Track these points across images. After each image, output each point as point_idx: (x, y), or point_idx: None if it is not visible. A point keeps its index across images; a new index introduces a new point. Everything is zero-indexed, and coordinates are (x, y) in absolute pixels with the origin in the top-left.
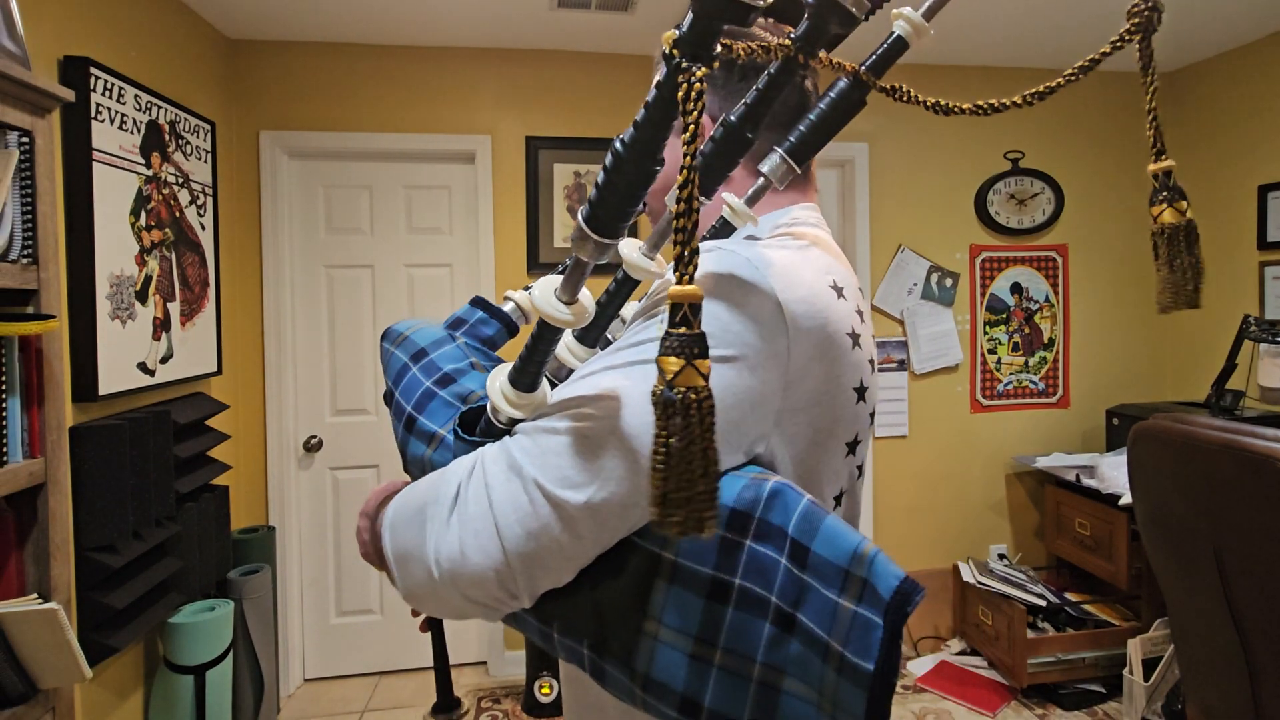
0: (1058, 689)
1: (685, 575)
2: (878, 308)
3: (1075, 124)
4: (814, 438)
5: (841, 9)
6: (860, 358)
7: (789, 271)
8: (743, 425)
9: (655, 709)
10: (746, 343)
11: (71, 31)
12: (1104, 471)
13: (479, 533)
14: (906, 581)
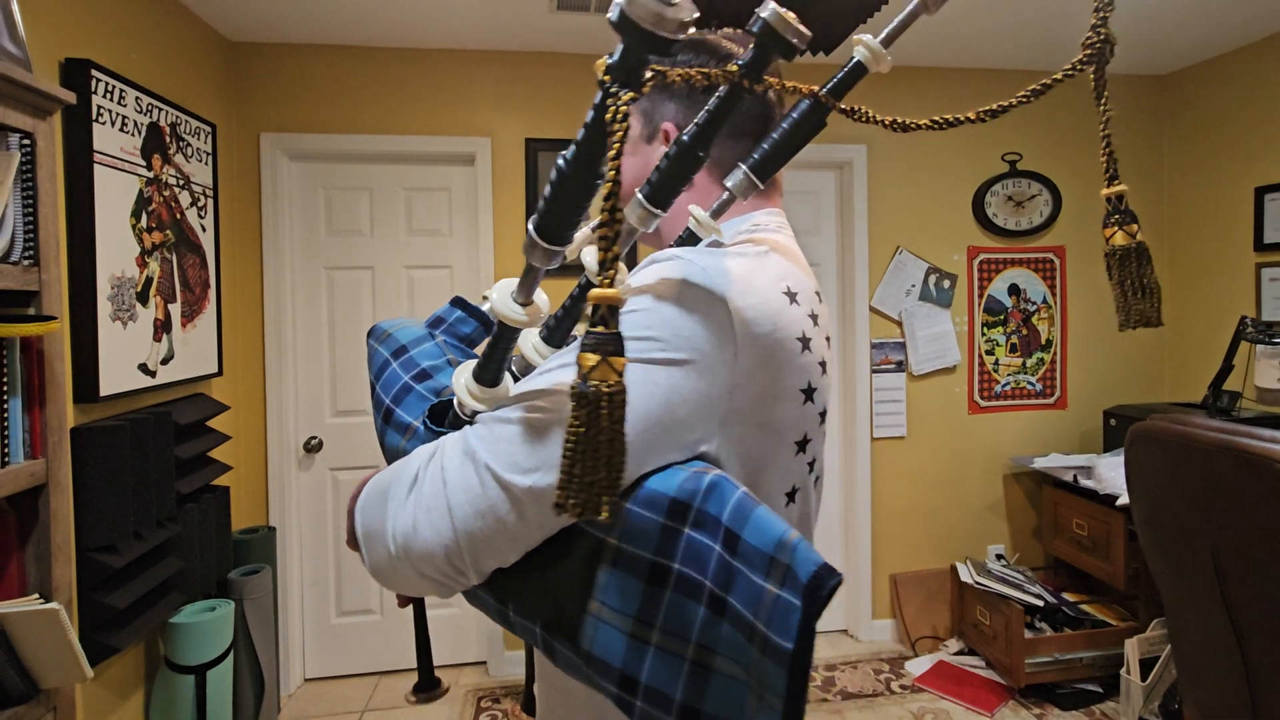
0: (1055, 689)
1: (627, 559)
2: (876, 309)
3: (1073, 126)
4: (761, 437)
5: (783, 41)
6: (809, 360)
7: (742, 279)
8: (689, 423)
9: (598, 684)
10: (697, 347)
11: (73, 34)
12: (1101, 472)
13: (431, 510)
14: (823, 568)
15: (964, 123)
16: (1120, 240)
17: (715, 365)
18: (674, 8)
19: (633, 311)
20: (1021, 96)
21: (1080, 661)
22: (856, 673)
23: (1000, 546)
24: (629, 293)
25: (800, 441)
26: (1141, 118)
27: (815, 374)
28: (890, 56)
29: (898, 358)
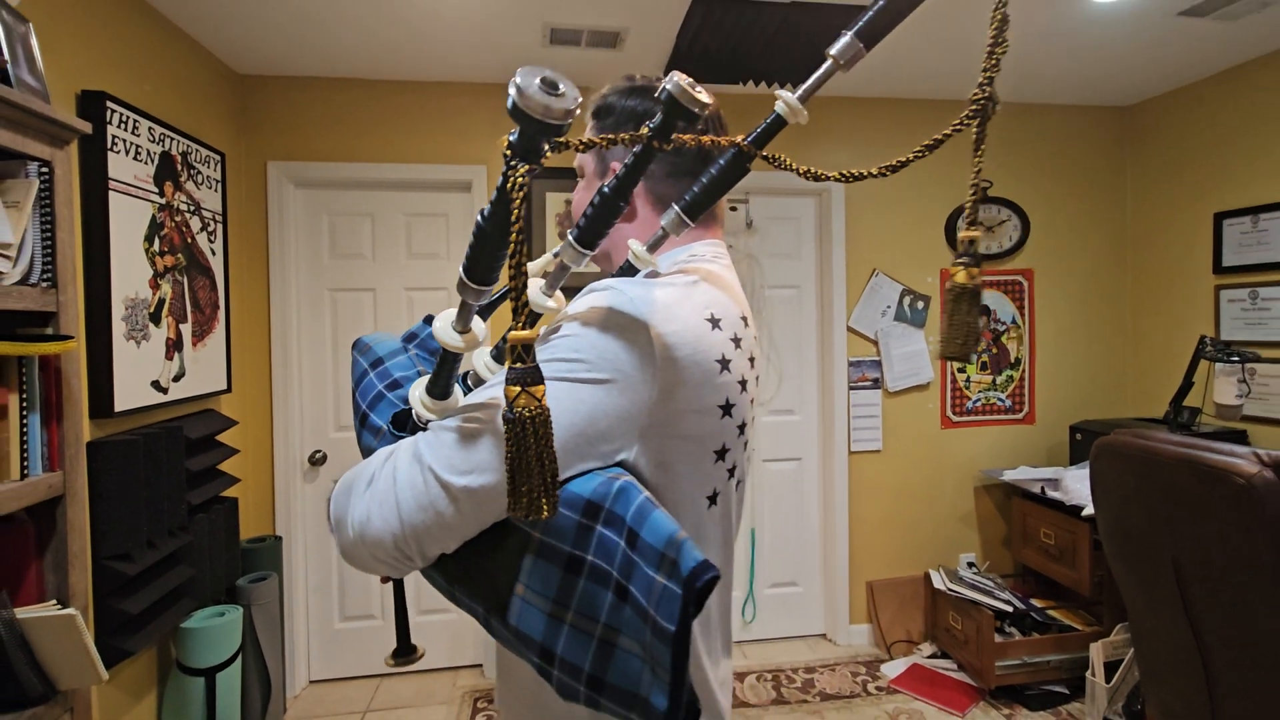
0: (1024, 690)
1: (548, 550)
2: (853, 329)
3: (1040, 155)
4: (681, 446)
5: (685, 110)
6: (728, 380)
7: (666, 307)
8: (608, 435)
9: (524, 656)
10: (619, 368)
11: (89, 67)
12: (1067, 484)
13: (383, 504)
14: (701, 564)
15: (868, 177)
16: (961, 279)
17: (636, 384)
18: (559, 98)
19: (565, 336)
20: (917, 152)
21: (1048, 664)
22: (835, 675)
23: (971, 555)
24: (564, 319)
25: (719, 451)
26: (1105, 146)
27: (734, 392)
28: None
29: (874, 375)
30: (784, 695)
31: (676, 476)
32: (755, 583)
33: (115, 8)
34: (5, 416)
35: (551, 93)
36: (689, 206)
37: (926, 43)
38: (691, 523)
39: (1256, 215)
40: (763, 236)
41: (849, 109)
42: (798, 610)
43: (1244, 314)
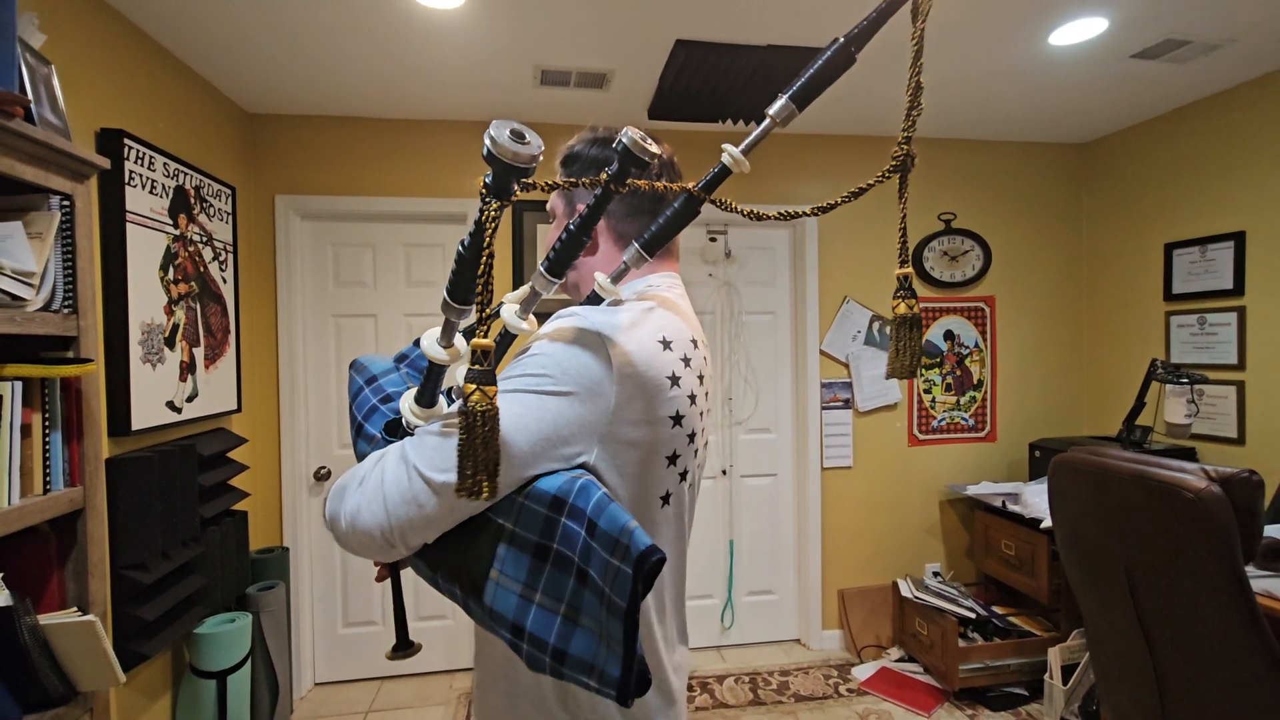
0: (986, 692)
1: (519, 540)
2: (825, 352)
3: (1002, 189)
4: (636, 452)
5: (637, 158)
6: (679, 394)
7: (623, 330)
8: (570, 440)
9: (497, 632)
10: (580, 383)
11: (107, 106)
12: (1027, 498)
13: (371, 499)
14: (649, 548)
15: (804, 215)
16: (902, 310)
17: (595, 396)
18: (526, 146)
19: (535, 355)
20: (844, 197)
21: (1008, 668)
22: (808, 678)
23: (937, 565)
24: (535, 339)
25: (670, 457)
26: (1063, 180)
27: (684, 405)
28: (748, 163)
29: (845, 396)
30: (760, 697)
31: (632, 478)
32: (733, 590)
33: (132, 50)
34: (29, 435)
35: (519, 141)
36: (647, 243)
37: (896, 85)
38: (646, 520)
39: (1204, 245)
40: (740, 265)
41: (824, 146)
42: (773, 617)
43: (1193, 338)
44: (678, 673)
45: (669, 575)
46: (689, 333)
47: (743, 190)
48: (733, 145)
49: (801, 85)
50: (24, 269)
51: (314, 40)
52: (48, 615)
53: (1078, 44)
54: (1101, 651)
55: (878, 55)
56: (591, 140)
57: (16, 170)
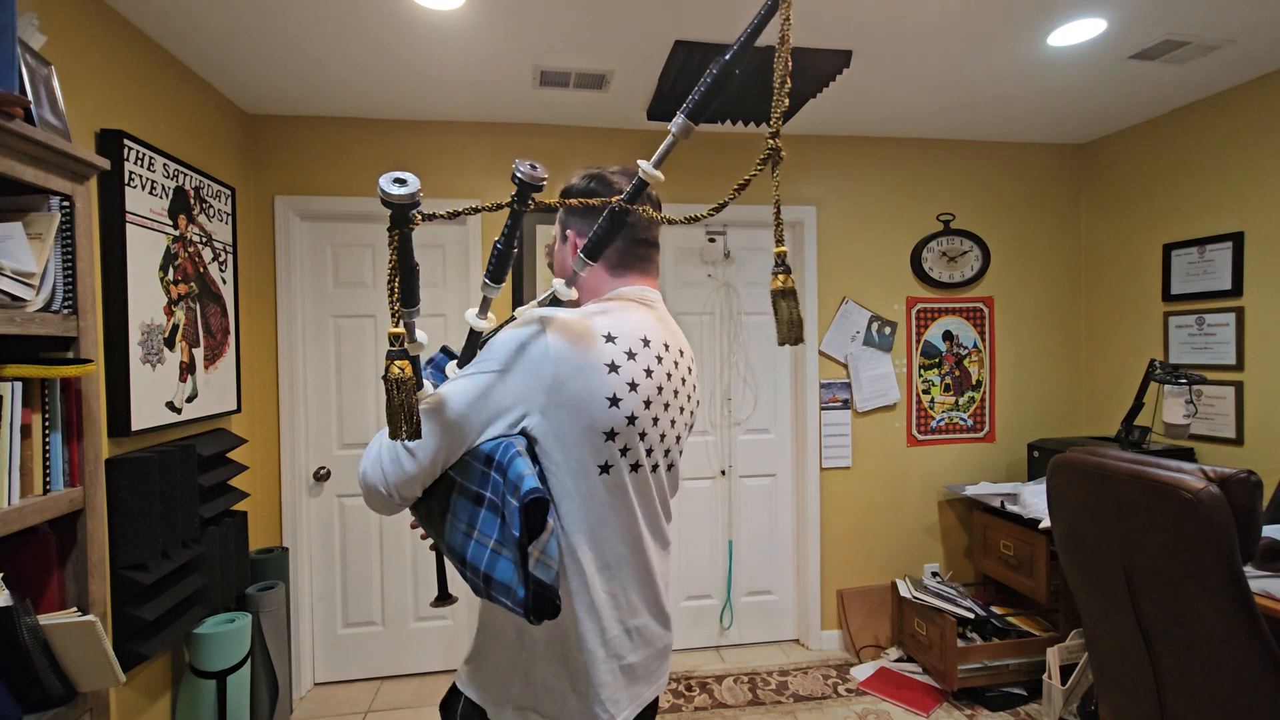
0: (985, 692)
1: (464, 491)
2: (824, 353)
3: (1000, 190)
4: (575, 422)
5: (531, 186)
6: (616, 380)
7: (563, 324)
8: (509, 407)
9: (457, 567)
10: (514, 362)
11: (107, 107)
12: (1025, 499)
13: (373, 463)
14: (531, 489)
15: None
16: (778, 284)
17: (530, 373)
18: (404, 187)
19: (488, 346)
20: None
21: (1007, 668)
22: (807, 678)
23: (935, 565)
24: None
25: (608, 433)
26: (1062, 181)
27: (622, 389)
28: (662, 175)
29: (844, 396)
30: (760, 697)
31: (570, 444)
32: (732, 591)
33: (132, 51)
34: (29, 435)
35: (400, 185)
36: (587, 250)
37: (895, 84)
38: (586, 484)
39: (1203, 246)
40: (740, 266)
41: (824, 146)
42: (772, 617)
43: (1191, 339)
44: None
45: (615, 541)
46: (645, 334)
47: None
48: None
49: (694, 103)
50: (24, 269)
51: (313, 41)
52: (48, 615)
53: (1076, 45)
54: (1100, 651)
55: (876, 55)
56: (586, 177)
57: (16, 171)
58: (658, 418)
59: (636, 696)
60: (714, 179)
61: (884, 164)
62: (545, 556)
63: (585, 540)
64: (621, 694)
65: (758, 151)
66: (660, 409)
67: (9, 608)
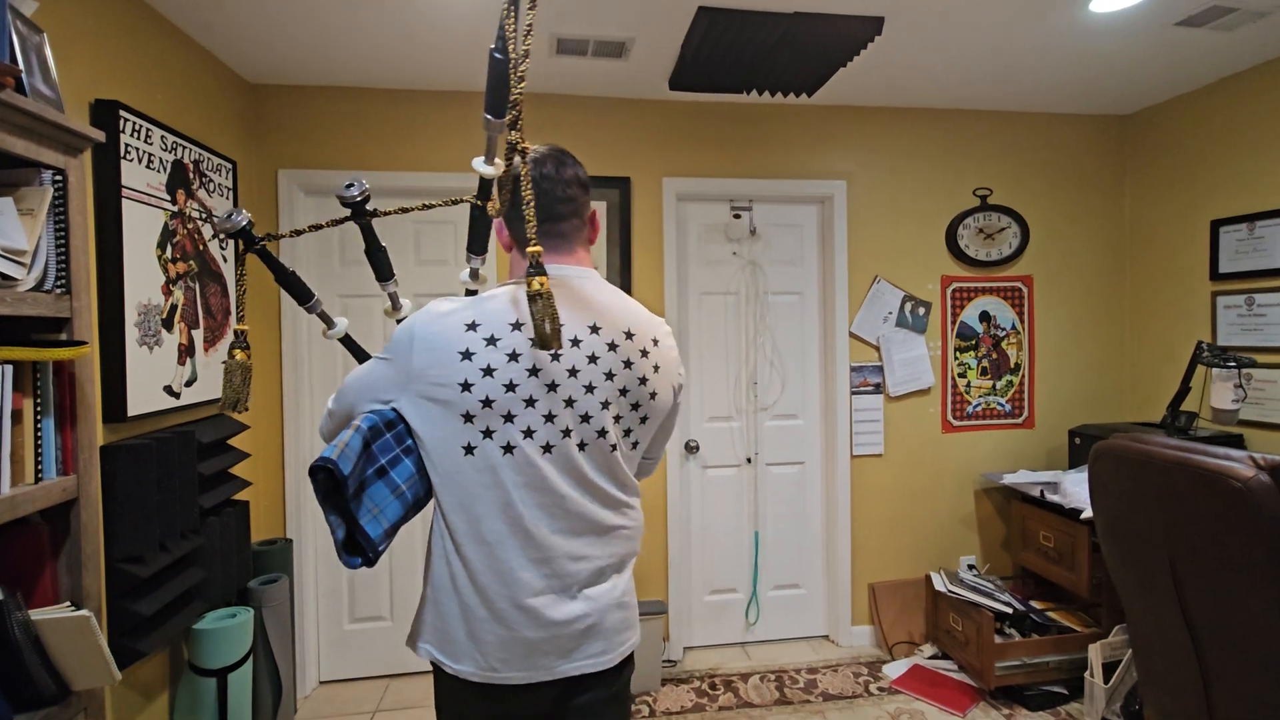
0: (1023, 690)
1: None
2: (855, 335)
3: (1040, 163)
4: (432, 405)
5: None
6: (469, 366)
7: (432, 315)
8: (384, 389)
9: None
10: (395, 351)
11: (102, 76)
12: (1066, 487)
13: (322, 420)
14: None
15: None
16: (534, 286)
17: (401, 360)
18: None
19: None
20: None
21: (1047, 665)
22: (837, 676)
23: (972, 557)
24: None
25: (465, 415)
26: (1105, 154)
27: (474, 375)
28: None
29: (876, 380)
30: (787, 695)
31: (433, 424)
32: (759, 584)
33: (128, 18)
34: (20, 421)
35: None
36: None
37: (926, 53)
38: (451, 462)
39: (1253, 222)
40: (766, 243)
41: (855, 117)
42: (801, 612)
43: (1240, 320)
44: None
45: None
46: (507, 317)
47: (767, 164)
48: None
49: (488, 101)
50: (14, 247)
51: (319, 7)
52: (40, 610)
53: (1119, 11)
54: (1144, 648)
55: (909, 21)
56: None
57: (6, 144)
58: (534, 399)
59: (545, 668)
60: (740, 151)
61: (918, 136)
62: (380, 515)
63: (457, 515)
64: (517, 660)
65: (785, 123)
66: (540, 390)
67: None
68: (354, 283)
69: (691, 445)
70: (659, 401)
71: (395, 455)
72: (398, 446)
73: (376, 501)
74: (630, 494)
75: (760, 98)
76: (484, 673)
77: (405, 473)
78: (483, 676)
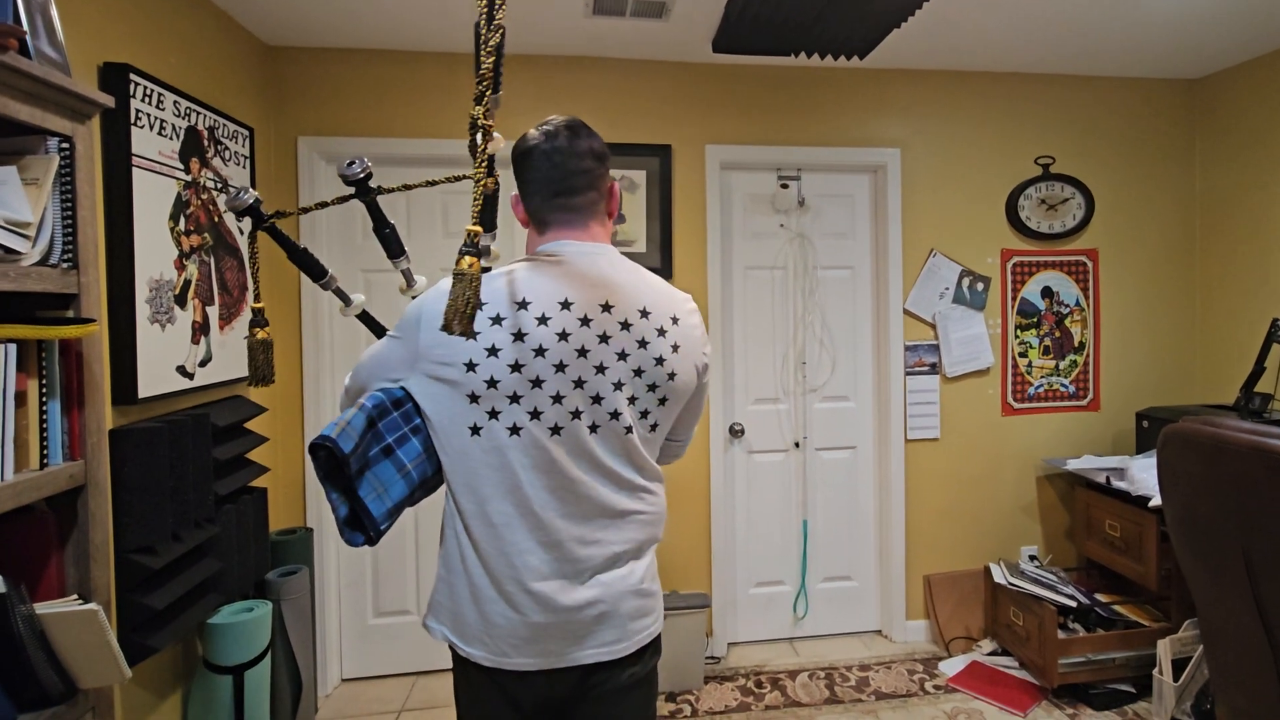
0: (1088, 689)
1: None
2: (910, 311)
3: (1105, 130)
4: (438, 384)
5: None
6: (474, 346)
7: (439, 293)
8: (393, 368)
9: None
10: (402, 330)
11: (111, 38)
12: (1134, 474)
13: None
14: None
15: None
16: (462, 266)
17: (409, 339)
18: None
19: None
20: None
21: (1113, 662)
22: (890, 673)
23: (1033, 548)
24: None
25: (470, 395)
26: (1174, 121)
27: (479, 355)
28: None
29: (931, 360)
30: (837, 694)
31: (440, 404)
32: (807, 576)
33: None
34: (24, 403)
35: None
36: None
37: (989, 12)
38: (458, 442)
39: None
40: (815, 215)
41: (910, 81)
42: (852, 606)
43: None
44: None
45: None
46: (524, 296)
47: (816, 131)
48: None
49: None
50: (18, 219)
51: None
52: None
53: None
54: (1217, 644)
55: None
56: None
57: (10, 109)
58: (541, 379)
59: (555, 654)
60: (787, 117)
61: (976, 101)
62: (385, 494)
63: (465, 496)
64: (526, 646)
65: (835, 87)
66: (548, 370)
67: (2, 595)
68: (377, 256)
69: (736, 429)
70: (679, 382)
71: (403, 434)
72: (405, 425)
73: (382, 480)
74: (649, 478)
75: (809, 60)
76: (494, 658)
77: (412, 452)
78: (493, 661)
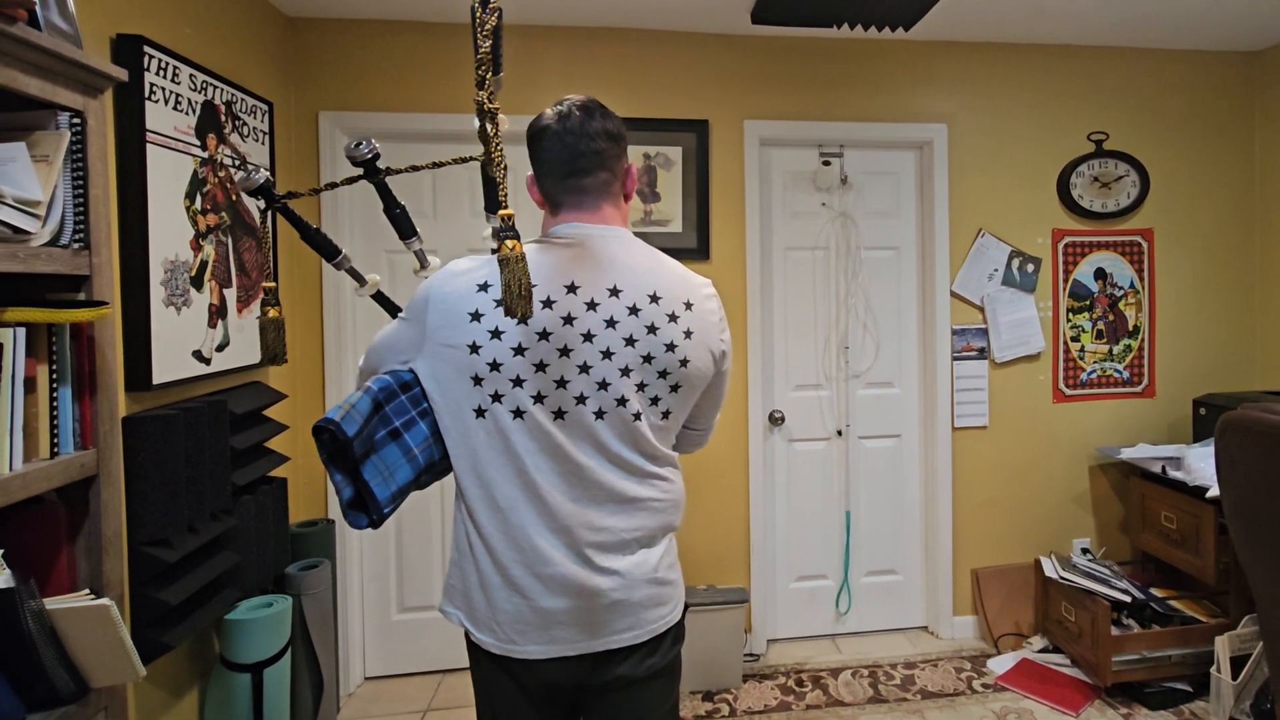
0: (1143, 687)
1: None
2: (957, 294)
3: (1161, 106)
4: (443, 366)
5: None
6: (478, 328)
7: (449, 275)
8: (403, 349)
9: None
10: (412, 311)
11: (124, 9)
12: (1191, 463)
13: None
14: (324, 420)
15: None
16: (504, 251)
17: (418, 320)
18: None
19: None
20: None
21: (1169, 659)
22: (937, 671)
23: (1086, 540)
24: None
25: (474, 378)
26: (1232, 94)
27: (483, 337)
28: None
29: (979, 344)
30: (882, 693)
31: (445, 386)
32: (850, 570)
33: None
34: (34, 390)
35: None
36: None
37: None
38: (463, 425)
39: None
40: (859, 193)
41: (956, 54)
42: (897, 601)
43: None
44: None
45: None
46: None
47: (859, 106)
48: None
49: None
50: (28, 197)
51: None
52: (55, 599)
53: None
54: (1277, 641)
55: None
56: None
57: (19, 83)
58: (544, 363)
59: (565, 641)
60: (829, 91)
61: (1026, 75)
62: (390, 477)
63: (470, 479)
64: (534, 633)
65: (879, 60)
66: (551, 354)
67: (10, 589)
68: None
69: (776, 416)
70: (692, 369)
71: (410, 418)
72: (414, 409)
73: (388, 463)
74: (661, 465)
75: (852, 32)
76: (502, 645)
77: (419, 436)
78: (501, 649)
